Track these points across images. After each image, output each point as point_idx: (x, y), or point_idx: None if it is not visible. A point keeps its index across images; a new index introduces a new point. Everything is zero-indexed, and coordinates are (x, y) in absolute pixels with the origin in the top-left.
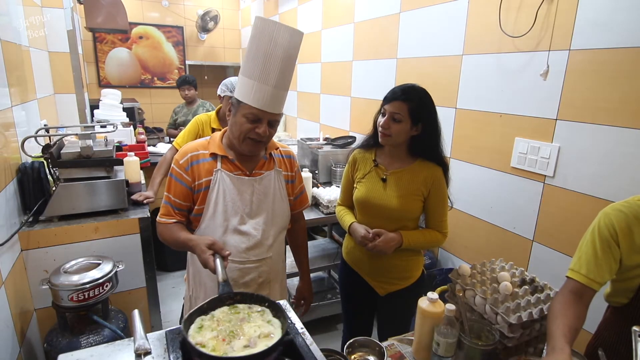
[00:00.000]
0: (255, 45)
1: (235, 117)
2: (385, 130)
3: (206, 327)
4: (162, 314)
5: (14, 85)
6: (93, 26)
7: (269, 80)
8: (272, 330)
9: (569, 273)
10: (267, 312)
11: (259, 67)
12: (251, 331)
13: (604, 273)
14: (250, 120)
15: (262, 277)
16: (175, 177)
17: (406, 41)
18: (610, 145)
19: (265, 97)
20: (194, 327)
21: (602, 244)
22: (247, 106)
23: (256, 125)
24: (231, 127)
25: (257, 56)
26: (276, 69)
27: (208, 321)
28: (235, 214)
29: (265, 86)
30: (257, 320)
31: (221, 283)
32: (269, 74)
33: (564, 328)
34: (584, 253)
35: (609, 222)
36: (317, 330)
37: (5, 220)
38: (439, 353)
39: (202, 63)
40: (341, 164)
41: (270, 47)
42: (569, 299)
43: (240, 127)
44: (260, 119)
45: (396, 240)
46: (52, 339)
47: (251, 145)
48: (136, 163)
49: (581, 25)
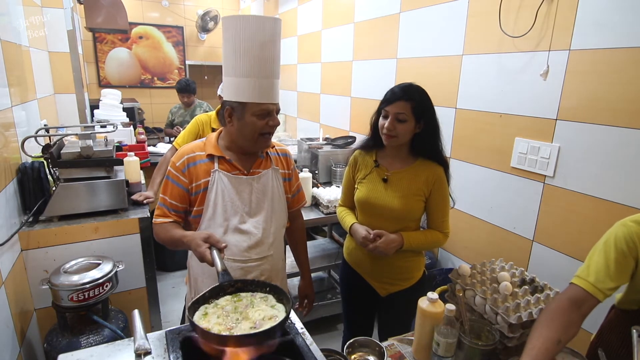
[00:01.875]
0: (241, 44)
1: (243, 119)
2: (391, 131)
3: (211, 313)
4: (162, 314)
5: (14, 85)
6: (93, 26)
7: (267, 74)
8: (276, 313)
9: (574, 280)
10: (270, 298)
11: (253, 64)
12: (256, 315)
13: (613, 284)
14: (261, 117)
15: (264, 275)
16: (172, 180)
17: (406, 41)
18: (610, 145)
19: (267, 90)
20: (199, 314)
21: (617, 255)
22: (253, 105)
23: (268, 119)
24: (241, 131)
25: (248, 54)
26: (269, 60)
27: (212, 308)
28: (235, 213)
29: (265, 80)
30: (261, 305)
31: (221, 272)
32: (265, 69)
33: (538, 341)
34: (594, 262)
35: (628, 235)
36: (317, 330)
37: (5, 220)
38: (439, 353)
39: (202, 63)
40: (341, 164)
41: (258, 43)
42: (563, 307)
43: (253, 127)
44: (269, 113)
45: (397, 241)
46: (52, 339)
47: (266, 140)
48: (136, 163)
49: (581, 25)
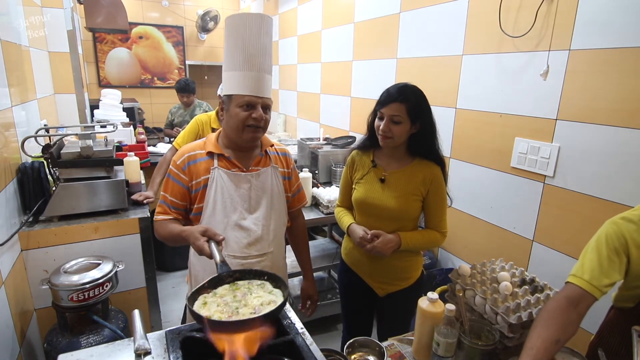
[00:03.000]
0: (232, 40)
1: (229, 111)
2: (387, 133)
3: (210, 302)
4: (162, 314)
5: (14, 85)
6: (93, 26)
7: (252, 67)
8: (274, 299)
9: (569, 278)
10: (267, 285)
11: (239, 58)
12: (255, 301)
13: (607, 281)
14: (244, 109)
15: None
16: (173, 177)
17: (406, 41)
18: (610, 145)
19: (253, 82)
20: (198, 303)
21: (609, 252)
22: (238, 96)
23: (251, 111)
24: (227, 123)
25: (236, 49)
26: (256, 54)
27: (211, 298)
28: (235, 210)
29: (250, 72)
30: (259, 292)
31: (219, 264)
32: (250, 61)
33: (538, 341)
34: (587, 260)
35: (619, 232)
36: (317, 330)
37: (5, 220)
38: (439, 353)
39: (202, 63)
40: (341, 164)
41: (244, 37)
42: (560, 306)
43: (237, 117)
44: (253, 105)
45: (394, 241)
46: (52, 339)
47: (252, 132)
48: (136, 163)
49: (581, 25)
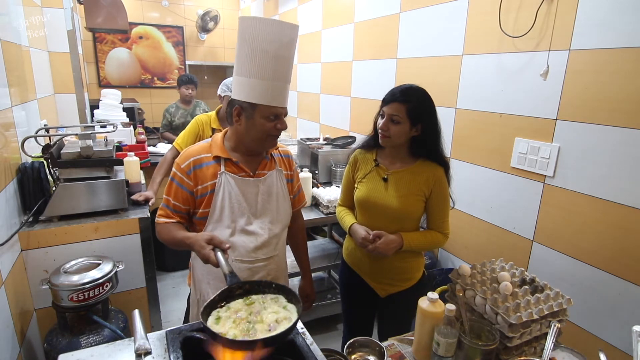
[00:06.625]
0: (258, 45)
1: (252, 119)
2: (385, 132)
3: (224, 318)
4: (162, 314)
5: (14, 85)
6: (93, 26)
7: (280, 77)
8: (288, 315)
9: None
10: (281, 298)
11: (268, 68)
12: (270, 317)
13: None
14: (270, 120)
15: (271, 275)
16: (176, 182)
17: (406, 41)
18: (610, 145)
19: (280, 94)
20: (211, 319)
21: None
22: (264, 107)
23: (276, 122)
24: (248, 131)
25: (265, 57)
26: (285, 65)
27: (224, 312)
28: (242, 215)
29: (278, 83)
30: (273, 307)
31: (228, 275)
32: (279, 72)
33: None
34: None
35: None
36: (317, 330)
37: (5, 220)
38: (439, 353)
39: (202, 63)
40: (341, 164)
41: (277, 46)
42: None
43: (262, 128)
44: (278, 116)
45: (396, 242)
46: (52, 339)
47: (273, 141)
48: (136, 163)
49: (581, 25)
